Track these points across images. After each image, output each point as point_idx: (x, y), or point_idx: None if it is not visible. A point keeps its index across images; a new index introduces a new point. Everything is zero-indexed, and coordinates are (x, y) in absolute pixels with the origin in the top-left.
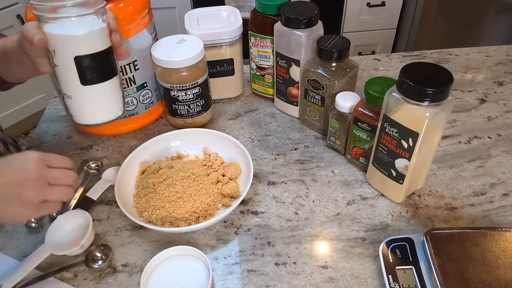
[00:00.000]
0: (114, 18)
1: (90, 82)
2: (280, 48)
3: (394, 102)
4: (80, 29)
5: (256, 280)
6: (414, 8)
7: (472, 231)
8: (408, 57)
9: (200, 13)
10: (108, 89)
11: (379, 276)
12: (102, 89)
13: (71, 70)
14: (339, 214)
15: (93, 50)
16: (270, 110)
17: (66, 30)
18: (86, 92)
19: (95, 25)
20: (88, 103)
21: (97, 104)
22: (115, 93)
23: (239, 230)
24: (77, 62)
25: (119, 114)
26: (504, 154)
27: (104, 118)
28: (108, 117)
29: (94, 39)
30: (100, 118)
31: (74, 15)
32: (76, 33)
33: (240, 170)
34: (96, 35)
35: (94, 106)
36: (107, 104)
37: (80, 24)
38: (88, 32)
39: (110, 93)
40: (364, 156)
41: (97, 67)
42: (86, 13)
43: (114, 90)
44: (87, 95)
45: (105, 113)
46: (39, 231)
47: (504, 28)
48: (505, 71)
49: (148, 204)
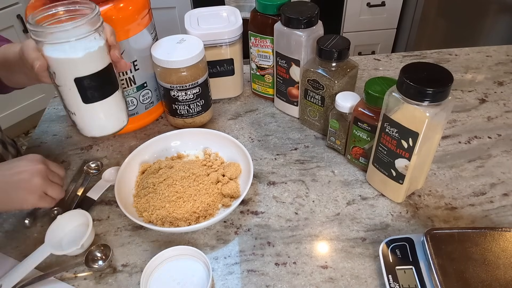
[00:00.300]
0: (112, 32)
1: (92, 101)
2: (280, 48)
3: (394, 102)
4: (78, 52)
5: (256, 280)
6: (414, 8)
7: (472, 231)
8: (408, 57)
9: (200, 13)
10: (110, 104)
11: (379, 276)
12: (104, 105)
13: (72, 90)
14: (339, 214)
15: (93, 71)
16: (270, 110)
17: (65, 54)
18: (89, 109)
19: (94, 46)
20: (92, 119)
21: (101, 119)
22: (117, 106)
23: (239, 230)
24: (77, 83)
25: (124, 125)
26: (504, 154)
27: (109, 130)
28: (114, 129)
29: (93, 60)
30: (106, 130)
31: (73, 39)
32: (75, 56)
33: (240, 170)
34: (94, 55)
35: (98, 121)
36: (111, 118)
37: (78, 46)
38: (86, 53)
39: (113, 106)
40: (364, 156)
41: (97, 86)
42: (84, 35)
43: (116, 103)
44: (90, 112)
45: (110, 125)
46: (38, 231)
47: (504, 28)
48: (505, 71)
49: (148, 204)
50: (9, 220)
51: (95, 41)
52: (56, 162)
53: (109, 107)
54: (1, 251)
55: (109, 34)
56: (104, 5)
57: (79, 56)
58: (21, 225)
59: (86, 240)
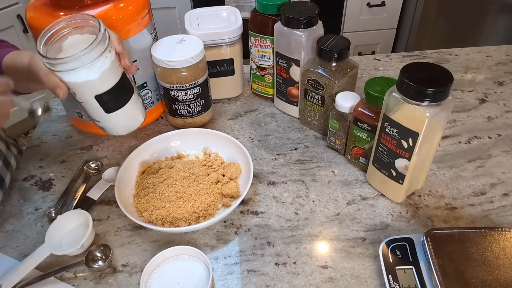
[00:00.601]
0: (119, 41)
1: (113, 110)
2: (280, 48)
3: (394, 102)
4: (94, 74)
5: (256, 280)
6: (414, 8)
7: (472, 231)
8: (408, 57)
9: (200, 13)
10: (130, 107)
11: (379, 276)
12: (125, 109)
13: (94, 105)
14: (339, 214)
15: (110, 86)
16: (270, 110)
17: (82, 78)
18: (112, 116)
19: (106, 63)
20: (116, 123)
21: (124, 120)
22: (136, 105)
23: (239, 230)
24: (97, 99)
25: (143, 120)
26: (504, 154)
27: (133, 127)
28: (136, 125)
29: (109, 76)
30: (130, 128)
31: (87, 64)
32: (92, 78)
33: (240, 170)
34: (108, 72)
35: (122, 123)
36: (132, 117)
37: (93, 68)
38: (101, 73)
39: (132, 108)
40: (364, 156)
41: (116, 97)
42: (97, 58)
43: (135, 104)
44: (114, 118)
45: (132, 123)
46: (38, 231)
47: (504, 28)
48: (505, 71)
49: (148, 204)
50: (9, 220)
51: (107, 59)
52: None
53: (130, 109)
54: (1, 251)
55: (116, 44)
56: (104, 5)
57: (96, 77)
58: (21, 225)
59: (86, 240)
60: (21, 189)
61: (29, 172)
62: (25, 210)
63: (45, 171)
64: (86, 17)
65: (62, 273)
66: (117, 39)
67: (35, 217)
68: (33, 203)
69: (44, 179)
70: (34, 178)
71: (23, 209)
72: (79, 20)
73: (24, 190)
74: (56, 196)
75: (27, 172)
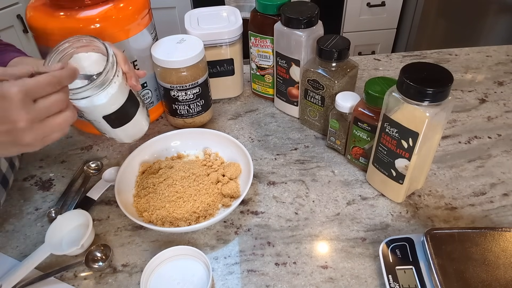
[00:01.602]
0: (125, 61)
1: (120, 125)
2: (280, 48)
3: (394, 102)
4: (102, 99)
5: (256, 280)
6: (414, 8)
7: (472, 231)
8: (408, 57)
9: (200, 13)
10: (136, 119)
11: (379, 276)
12: (131, 122)
13: (102, 123)
14: (339, 214)
15: (118, 107)
16: (270, 110)
17: (91, 103)
18: (118, 130)
19: (114, 87)
20: (122, 134)
21: (130, 131)
22: (142, 117)
23: (239, 230)
24: (105, 118)
25: (147, 127)
26: (504, 154)
27: (139, 135)
28: (142, 133)
29: (116, 98)
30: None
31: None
32: (100, 102)
33: (240, 170)
34: (116, 95)
35: (128, 133)
36: (139, 127)
37: (101, 95)
38: (110, 97)
39: (138, 120)
40: (364, 156)
41: (123, 115)
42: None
43: (141, 116)
44: (121, 131)
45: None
46: (38, 231)
47: (504, 28)
48: (505, 71)
49: (148, 204)
50: (9, 220)
51: (115, 84)
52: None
53: (136, 121)
54: (1, 251)
55: (123, 64)
56: (104, 5)
57: (104, 101)
58: (21, 225)
59: (86, 240)
60: (21, 189)
61: (29, 172)
62: (25, 210)
63: (45, 171)
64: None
65: (62, 273)
66: (123, 59)
67: (35, 217)
68: (33, 203)
69: (44, 179)
70: (34, 178)
71: (23, 209)
72: (85, 41)
73: (24, 190)
74: (56, 196)
75: (27, 172)
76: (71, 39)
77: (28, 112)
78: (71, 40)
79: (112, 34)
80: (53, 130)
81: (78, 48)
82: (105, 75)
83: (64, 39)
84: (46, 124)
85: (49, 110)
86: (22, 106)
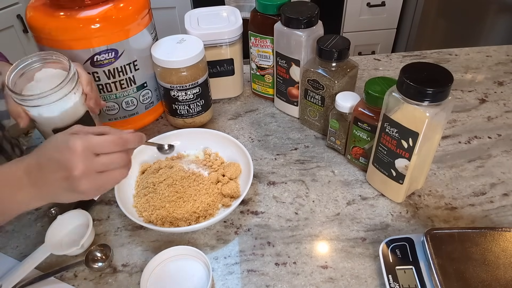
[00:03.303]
0: (88, 82)
1: None
2: (280, 48)
3: (394, 102)
4: (54, 112)
5: (256, 280)
6: (414, 8)
7: (472, 231)
8: (408, 57)
9: (200, 13)
10: None
11: (379, 276)
12: None
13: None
14: (339, 214)
15: (69, 123)
16: (270, 110)
17: (43, 113)
18: None
19: (69, 103)
20: None
21: None
22: None
23: (239, 230)
24: (54, 132)
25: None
26: (504, 154)
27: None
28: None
29: (69, 115)
30: None
31: (50, 103)
32: (51, 115)
33: (240, 170)
34: (70, 111)
35: None
36: None
37: (54, 107)
38: (61, 111)
39: None
40: (364, 156)
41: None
42: (60, 98)
43: None
44: None
45: None
46: (38, 231)
47: (504, 28)
48: (505, 71)
49: (148, 204)
50: None
51: (70, 100)
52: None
53: None
54: (1, 251)
55: (85, 85)
56: (104, 5)
57: (56, 115)
58: (21, 225)
59: (86, 240)
60: None
61: None
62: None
63: None
64: (60, 58)
65: (62, 273)
66: (87, 80)
67: (35, 217)
68: None
69: None
70: None
71: None
72: (54, 58)
73: None
74: None
75: None
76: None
77: (85, 164)
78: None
79: (112, 34)
80: (108, 182)
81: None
82: (61, 88)
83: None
84: (102, 177)
85: (108, 166)
86: (81, 158)
